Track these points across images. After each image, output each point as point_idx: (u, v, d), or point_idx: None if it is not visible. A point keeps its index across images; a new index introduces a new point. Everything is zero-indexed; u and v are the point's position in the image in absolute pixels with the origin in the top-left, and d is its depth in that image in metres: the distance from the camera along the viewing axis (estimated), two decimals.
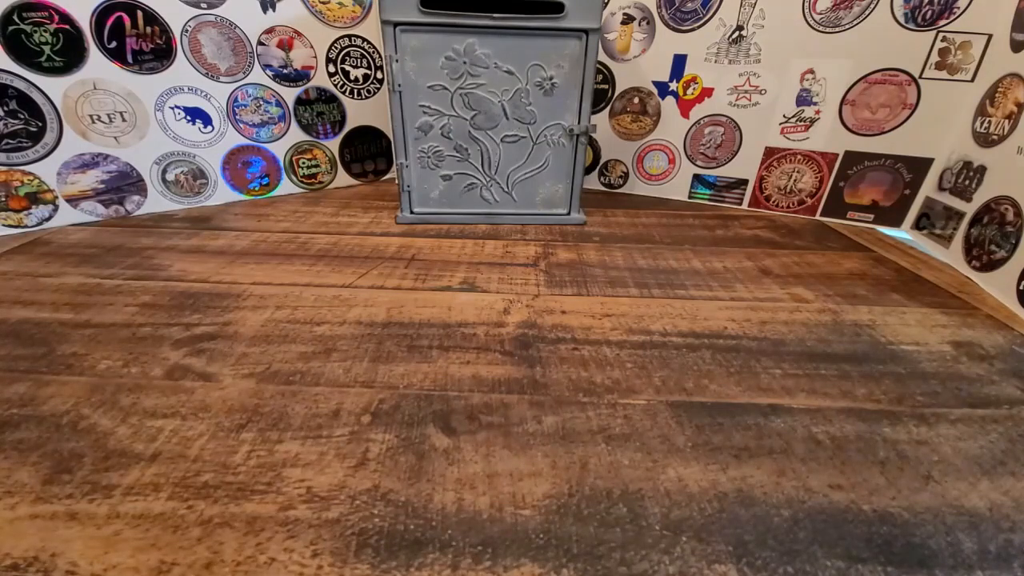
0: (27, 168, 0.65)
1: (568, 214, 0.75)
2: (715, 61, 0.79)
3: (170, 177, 0.76)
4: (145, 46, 0.68)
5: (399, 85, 0.64)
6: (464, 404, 0.35)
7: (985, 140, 0.61)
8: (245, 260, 0.59)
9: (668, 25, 0.80)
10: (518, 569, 0.24)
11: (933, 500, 0.28)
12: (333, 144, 0.90)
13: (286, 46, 0.80)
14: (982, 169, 0.61)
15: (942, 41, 0.65)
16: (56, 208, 0.68)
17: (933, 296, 0.54)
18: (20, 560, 0.23)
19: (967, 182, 0.63)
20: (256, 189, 0.85)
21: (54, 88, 0.64)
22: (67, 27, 0.63)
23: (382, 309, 0.48)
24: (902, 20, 0.66)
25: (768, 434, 0.33)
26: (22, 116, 0.63)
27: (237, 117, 0.79)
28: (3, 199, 0.64)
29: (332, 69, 0.85)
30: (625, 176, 0.94)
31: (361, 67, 0.87)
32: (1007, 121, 0.58)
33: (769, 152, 0.81)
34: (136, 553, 0.24)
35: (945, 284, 0.57)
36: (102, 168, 0.70)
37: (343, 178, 0.93)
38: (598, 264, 0.60)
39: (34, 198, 0.66)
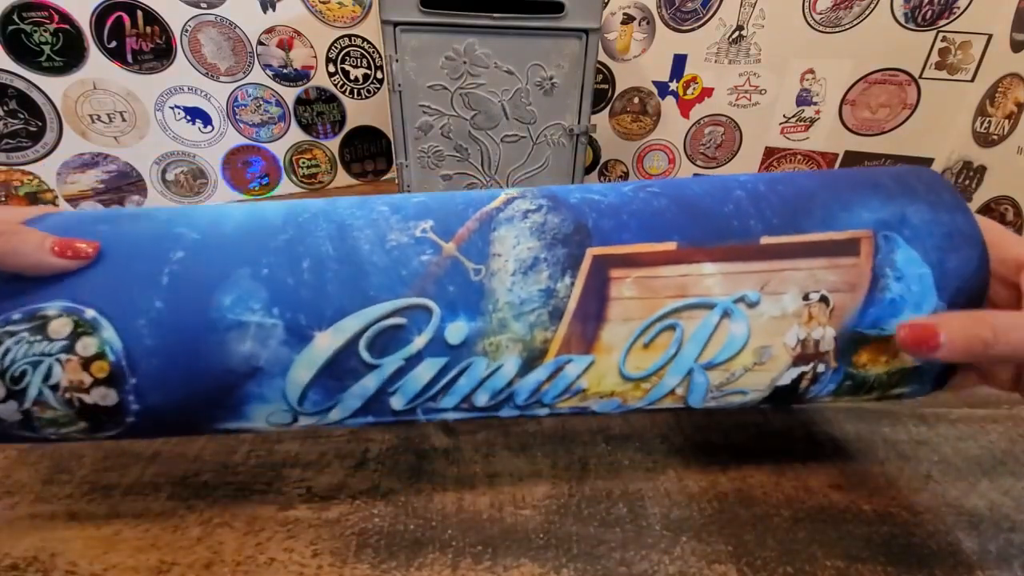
0: (27, 168, 0.65)
1: None
2: (715, 61, 0.79)
3: (170, 177, 0.76)
4: (145, 46, 0.68)
5: (399, 85, 0.64)
6: None
7: (985, 140, 0.61)
8: None
9: (668, 25, 0.80)
10: (518, 569, 0.24)
11: (933, 500, 0.28)
12: (333, 144, 0.90)
13: (286, 46, 0.80)
14: (982, 169, 0.61)
15: (942, 41, 0.65)
16: (56, 208, 0.68)
17: None
18: (20, 560, 0.23)
19: (967, 182, 0.63)
20: (256, 189, 0.85)
21: (54, 88, 0.64)
22: (67, 27, 0.63)
23: None
24: (902, 20, 0.66)
25: (768, 434, 0.33)
26: (22, 116, 0.63)
27: (237, 117, 0.79)
28: (3, 199, 0.64)
29: (332, 69, 0.85)
30: (625, 176, 0.94)
31: (361, 67, 0.87)
32: (1007, 121, 0.58)
33: (769, 152, 0.81)
34: (136, 553, 0.24)
35: None
36: (102, 168, 0.70)
37: (343, 178, 0.93)
38: None
39: (34, 198, 0.66)
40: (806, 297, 0.22)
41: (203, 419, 0.22)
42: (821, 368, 0.23)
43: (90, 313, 0.20)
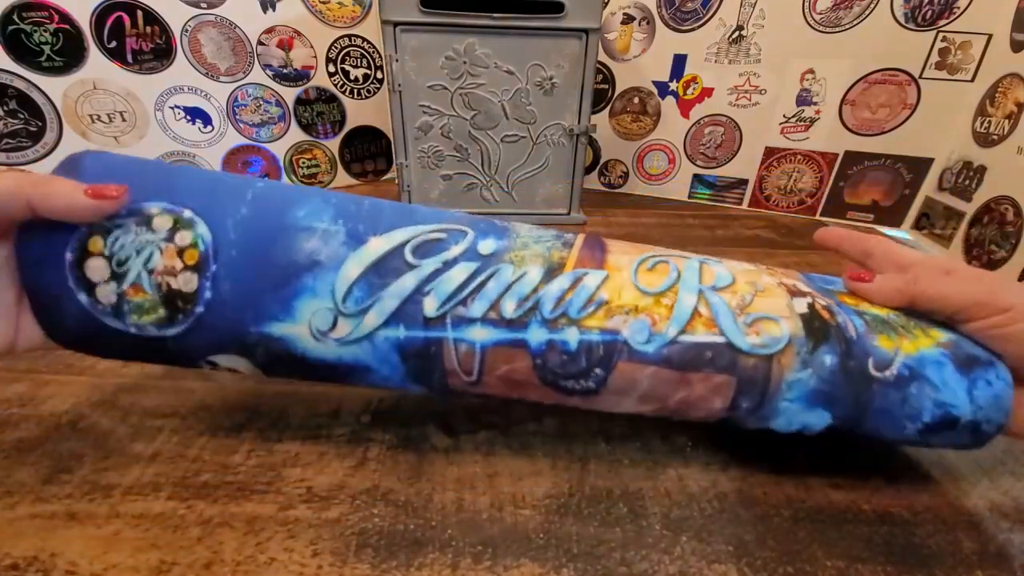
0: (27, 168, 0.65)
1: (568, 214, 0.75)
2: (715, 61, 0.79)
3: None
4: (145, 46, 0.68)
5: (399, 85, 0.64)
6: (464, 404, 0.35)
7: (985, 140, 0.61)
8: None
9: (668, 25, 0.80)
10: (518, 569, 0.24)
11: (933, 500, 0.28)
12: (333, 144, 0.90)
13: (286, 46, 0.80)
14: (982, 169, 0.61)
15: (942, 41, 0.65)
16: None
17: None
18: (20, 560, 0.23)
19: (967, 182, 0.63)
20: None
21: (54, 88, 0.64)
22: (67, 27, 0.63)
23: None
24: (902, 20, 0.66)
25: (769, 434, 0.33)
26: (22, 116, 0.63)
27: (237, 117, 0.79)
28: None
29: (332, 69, 0.85)
30: (625, 176, 0.94)
31: (361, 67, 0.87)
32: (1007, 121, 0.58)
33: (769, 152, 0.81)
34: (136, 553, 0.24)
35: None
36: None
37: (343, 178, 0.93)
38: None
39: None
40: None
41: (256, 316, 0.25)
42: (822, 301, 0.25)
43: (187, 213, 0.24)
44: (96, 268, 0.23)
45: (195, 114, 0.75)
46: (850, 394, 0.24)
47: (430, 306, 0.24)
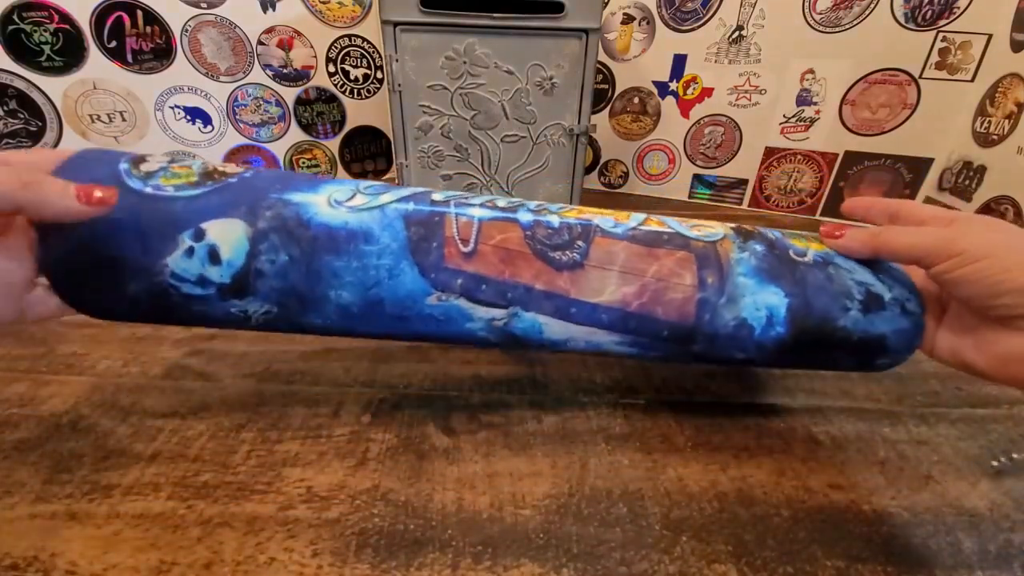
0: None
1: None
2: (715, 61, 0.79)
3: None
4: (145, 46, 0.68)
5: (399, 85, 0.64)
6: (464, 404, 0.35)
7: (985, 140, 0.61)
8: None
9: (668, 25, 0.80)
10: (518, 569, 0.24)
11: (933, 500, 0.28)
12: (333, 144, 0.90)
13: (286, 46, 0.80)
14: (982, 169, 0.61)
15: (942, 41, 0.65)
16: None
17: None
18: (20, 560, 0.23)
19: (967, 182, 0.63)
20: None
21: (54, 88, 0.64)
22: (67, 27, 0.63)
23: None
24: (902, 20, 0.66)
25: (768, 434, 0.33)
26: (22, 116, 0.63)
27: (237, 117, 0.79)
28: None
29: (332, 69, 0.85)
30: (625, 176, 0.94)
31: (361, 67, 0.87)
32: (1007, 121, 0.58)
33: (769, 152, 0.81)
34: (136, 553, 0.24)
35: None
36: None
37: (343, 178, 0.93)
38: None
39: None
40: None
41: (282, 189, 0.27)
42: (748, 226, 0.31)
43: None
44: (156, 157, 0.26)
45: (195, 114, 0.75)
46: (786, 271, 0.28)
47: (438, 196, 0.29)
